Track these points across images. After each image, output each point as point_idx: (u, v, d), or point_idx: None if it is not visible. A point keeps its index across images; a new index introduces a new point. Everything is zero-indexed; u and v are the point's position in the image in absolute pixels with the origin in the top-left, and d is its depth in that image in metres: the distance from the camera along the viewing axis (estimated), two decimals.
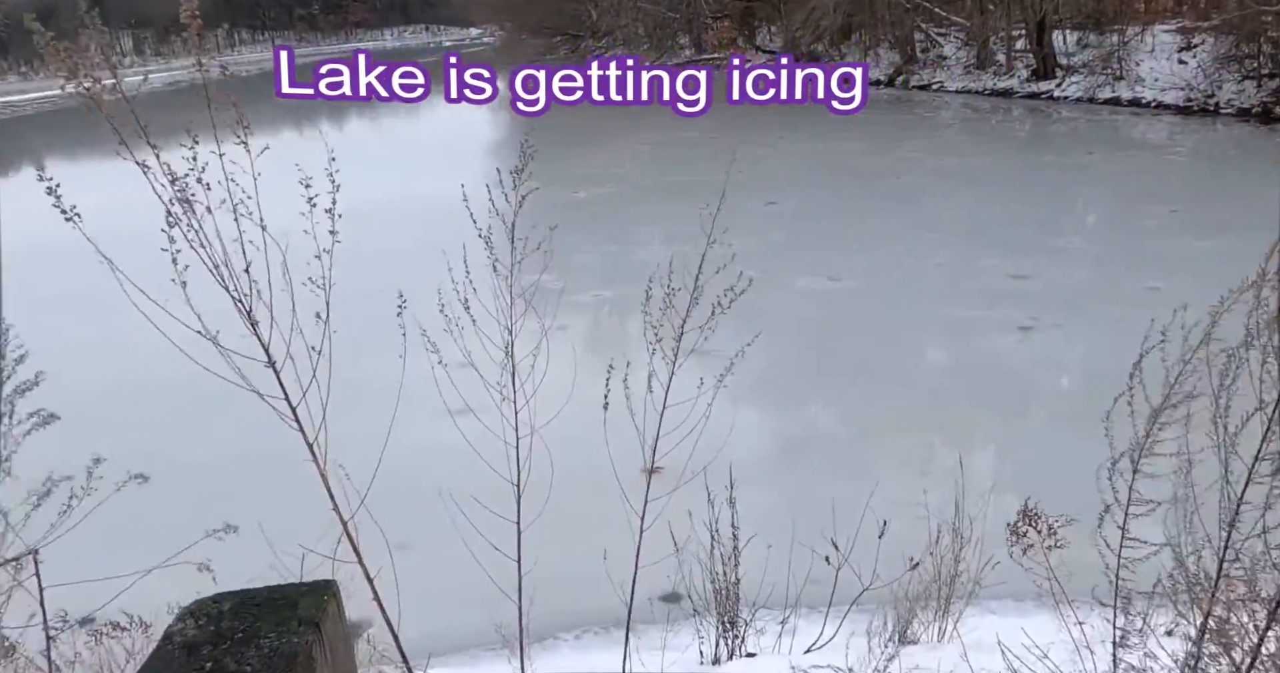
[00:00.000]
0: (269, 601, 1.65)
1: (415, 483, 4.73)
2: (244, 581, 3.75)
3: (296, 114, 41.24)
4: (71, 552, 3.09)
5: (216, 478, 6.85)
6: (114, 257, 2.49)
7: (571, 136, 27.77)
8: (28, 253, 8.14)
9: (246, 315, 2.52)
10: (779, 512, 5.44)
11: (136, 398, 8.09)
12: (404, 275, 4.27)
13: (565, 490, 3.70)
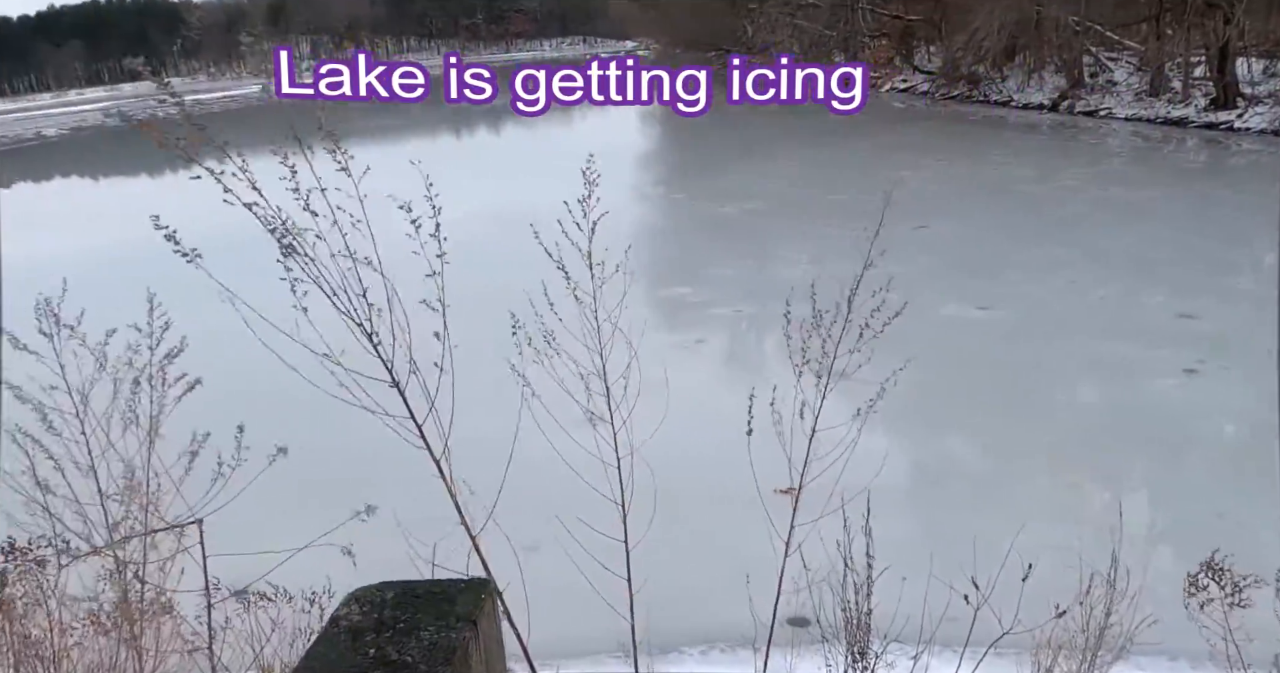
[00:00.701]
0: (429, 594, 1.69)
1: (533, 495, 4.79)
2: (380, 567, 3.89)
3: (454, 120, 42.76)
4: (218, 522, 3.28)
5: (351, 467, 7.15)
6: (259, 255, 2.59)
7: (722, 152, 27.89)
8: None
9: (369, 338, 2.56)
10: (916, 544, 5.27)
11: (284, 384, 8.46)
12: (524, 287, 4.35)
13: (692, 508, 3.68)
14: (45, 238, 24.13)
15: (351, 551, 3.12)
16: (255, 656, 4.21)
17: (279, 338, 2.71)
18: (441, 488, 2.75)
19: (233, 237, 3.20)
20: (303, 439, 3.38)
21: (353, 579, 4.04)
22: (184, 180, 2.79)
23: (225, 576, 3.59)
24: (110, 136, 62.79)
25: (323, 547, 3.60)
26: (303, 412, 8.24)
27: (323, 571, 3.94)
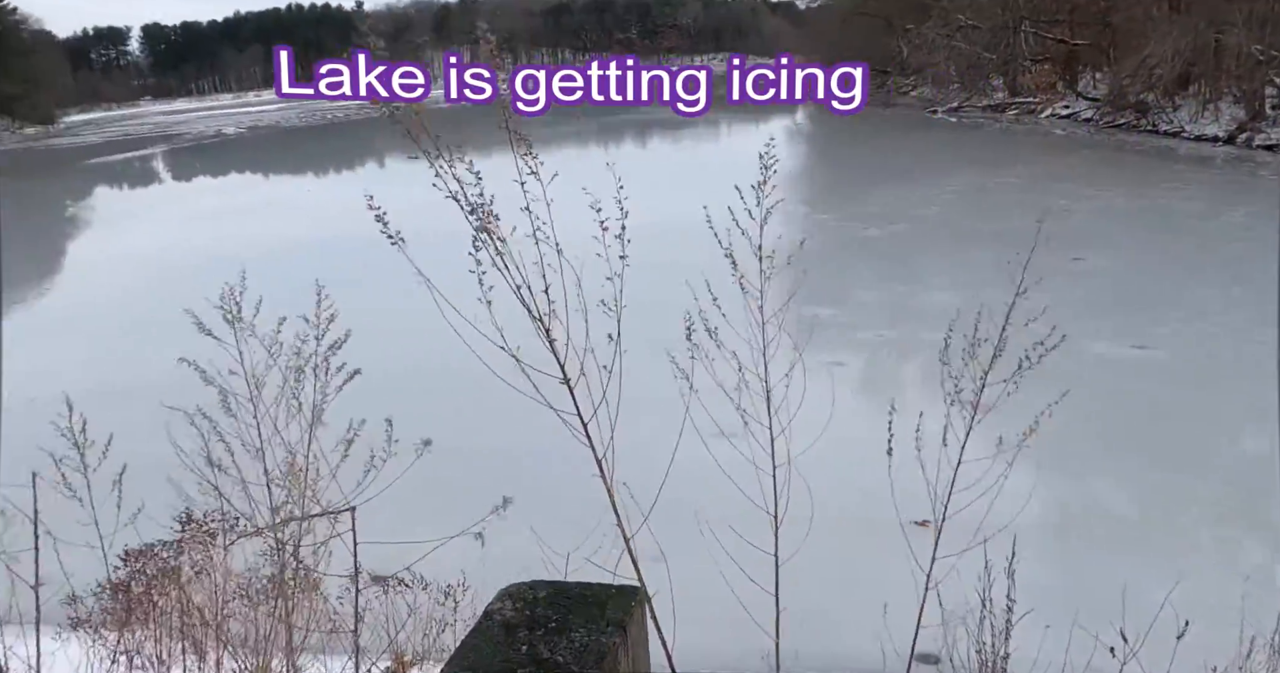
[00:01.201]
0: (580, 596, 1.72)
1: (676, 503, 4.81)
2: (517, 565, 3.99)
3: (604, 133, 43.52)
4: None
5: (500, 462, 7.34)
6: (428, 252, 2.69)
7: (873, 172, 27.47)
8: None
9: (545, 334, 2.63)
10: (1059, 589, 5.06)
11: (433, 380, 8.81)
12: (673, 295, 4.37)
13: (826, 529, 3.61)
14: (217, 228, 25.75)
15: (483, 541, 3.21)
16: (390, 641, 4.39)
17: (445, 331, 2.81)
18: (584, 490, 2.81)
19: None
20: (450, 434, 3.50)
21: (490, 574, 4.17)
22: (342, 178, 2.92)
23: (367, 562, 3.75)
24: (281, 135, 66.61)
25: (460, 541, 3.72)
26: (454, 407, 8.61)
27: (459, 565, 4.07)
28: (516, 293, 2.46)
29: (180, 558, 3.91)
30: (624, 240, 2.58)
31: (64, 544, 3.47)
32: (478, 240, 2.42)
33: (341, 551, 3.62)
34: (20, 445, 6.94)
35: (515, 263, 2.44)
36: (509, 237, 2.44)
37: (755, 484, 3.00)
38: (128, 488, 3.54)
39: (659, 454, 3.21)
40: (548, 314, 2.48)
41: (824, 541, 3.43)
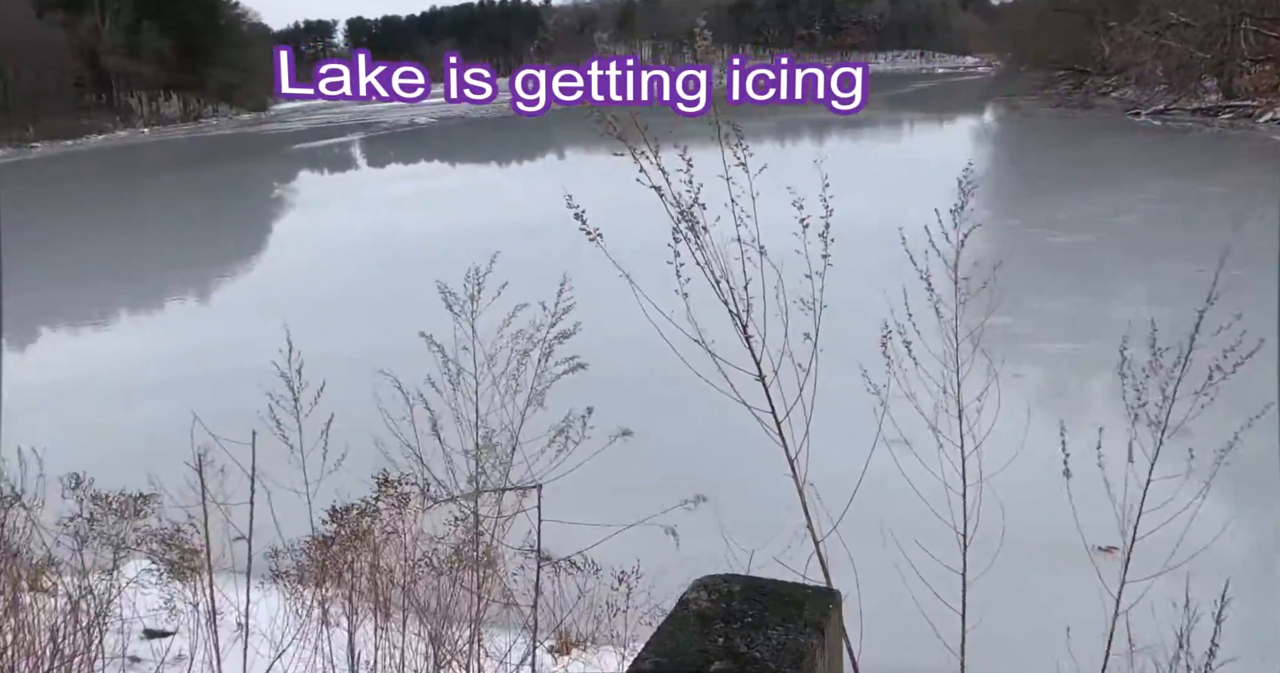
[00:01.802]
0: (774, 593, 1.73)
1: (861, 511, 4.75)
2: (695, 558, 4.04)
3: (782, 130, 43.12)
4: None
5: (685, 455, 7.46)
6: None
7: (1065, 178, 26.15)
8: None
9: (742, 330, 2.64)
10: (1260, 630, 4.70)
11: (624, 369, 8.97)
12: (861, 298, 4.28)
13: (1009, 548, 3.48)
14: (408, 213, 27.08)
15: (675, 531, 3.27)
16: (559, 621, 4.53)
17: (633, 320, 2.87)
18: (768, 488, 2.82)
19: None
20: (638, 422, 3.58)
21: (669, 564, 4.24)
22: (523, 169, 2.99)
23: (548, 541, 3.88)
24: (468, 125, 69.27)
25: (637, 529, 3.80)
26: (645, 395, 8.77)
27: (634, 552, 4.16)
28: (715, 287, 2.49)
29: (374, 521, 4.16)
30: (827, 239, 2.56)
31: (277, 499, 3.74)
32: (677, 232, 2.46)
33: (519, 529, 3.76)
34: (238, 407, 7.52)
35: (716, 256, 2.47)
36: (710, 229, 2.46)
37: (942, 498, 2.93)
38: (338, 450, 3.78)
39: (843, 461, 3.19)
40: (745, 310, 2.49)
41: (1008, 560, 3.32)
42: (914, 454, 2.98)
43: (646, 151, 2.56)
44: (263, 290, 18.97)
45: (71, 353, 15.27)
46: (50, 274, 22.28)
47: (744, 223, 2.54)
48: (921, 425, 2.99)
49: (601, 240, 2.53)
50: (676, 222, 2.44)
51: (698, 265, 2.46)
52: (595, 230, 2.54)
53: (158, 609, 5.37)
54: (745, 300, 2.48)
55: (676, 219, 2.46)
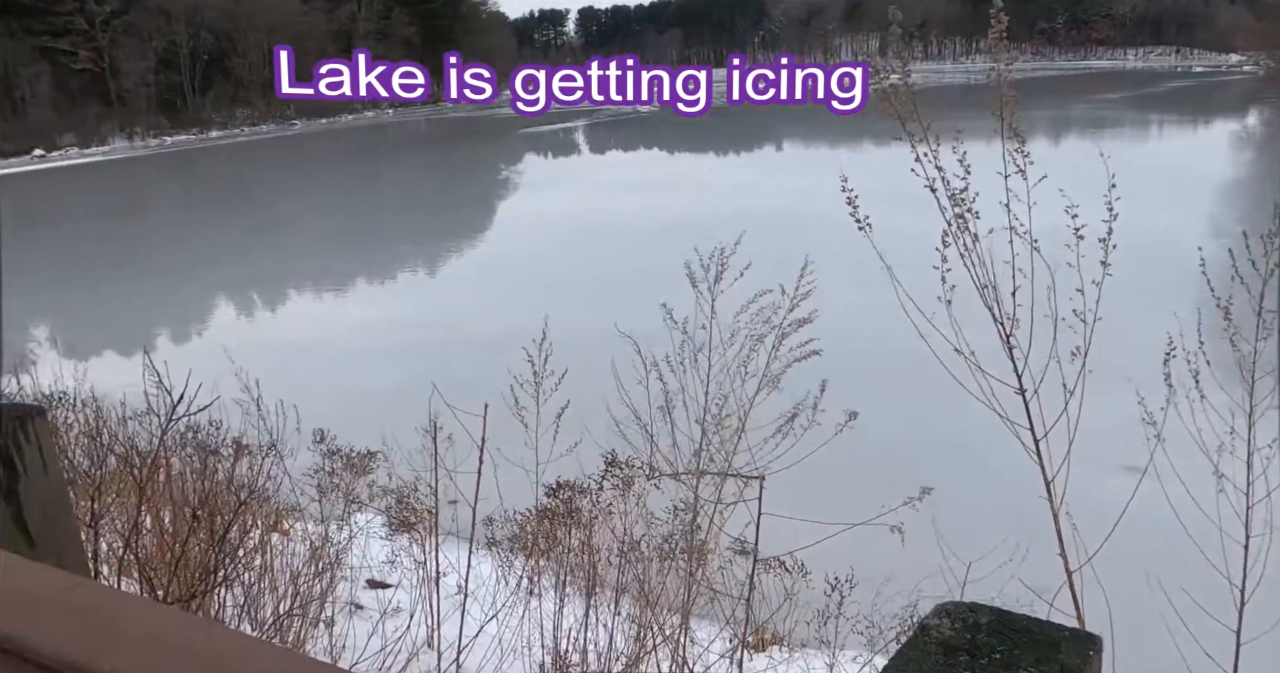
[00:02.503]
0: (1025, 630, 1.58)
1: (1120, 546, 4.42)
2: (911, 565, 3.87)
3: (1029, 127, 40.89)
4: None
5: (917, 457, 7.25)
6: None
7: None
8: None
9: (1005, 340, 2.46)
10: None
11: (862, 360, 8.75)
12: (1130, 316, 3.92)
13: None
14: (626, 198, 27.62)
15: (901, 529, 3.14)
16: (766, 618, 4.44)
17: (899, 322, 2.76)
18: (989, 503, 2.64)
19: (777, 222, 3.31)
20: (872, 420, 3.44)
21: (884, 568, 4.09)
22: (740, 160, 2.89)
23: (770, 537, 3.78)
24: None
25: (854, 530, 3.67)
26: (882, 392, 8.58)
27: (851, 553, 4.02)
28: (981, 292, 2.33)
29: (592, 499, 4.23)
30: (1108, 247, 2.34)
31: (503, 471, 3.87)
32: (947, 235, 2.32)
33: (759, 522, 3.69)
34: (464, 376, 7.87)
35: (983, 260, 2.31)
36: (983, 234, 2.31)
37: (1216, 545, 2.64)
38: (566, 426, 3.86)
39: (1099, 488, 2.95)
40: (1010, 319, 2.33)
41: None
42: (1188, 494, 2.70)
43: (929, 142, 2.42)
44: (490, 265, 19.86)
45: (315, 316, 16.53)
46: (300, 242, 24.26)
47: (1009, 227, 2.36)
48: (1196, 462, 2.71)
49: (869, 231, 2.42)
50: (949, 223, 2.30)
51: (965, 267, 2.31)
52: (865, 219, 2.44)
53: (380, 562, 5.73)
54: (1013, 307, 2.31)
55: (950, 220, 2.31)
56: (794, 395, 3.55)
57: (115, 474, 3.98)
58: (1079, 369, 2.30)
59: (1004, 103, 2.24)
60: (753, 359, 3.38)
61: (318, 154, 55.93)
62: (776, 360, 3.37)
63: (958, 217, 2.26)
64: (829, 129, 42.38)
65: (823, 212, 2.74)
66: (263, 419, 4.70)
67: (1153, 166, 30.84)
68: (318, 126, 74.05)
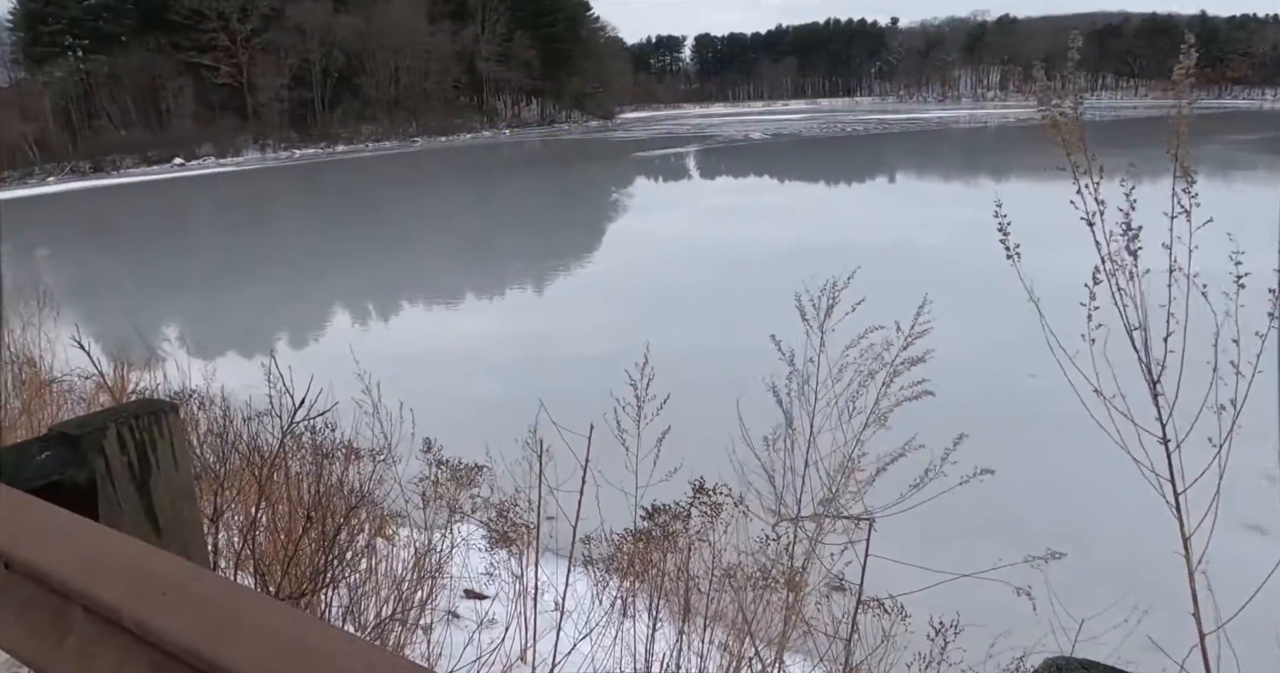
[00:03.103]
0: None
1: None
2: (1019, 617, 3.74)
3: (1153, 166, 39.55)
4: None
5: (1031, 505, 7.05)
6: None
7: None
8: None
9: (1151, 386, 2.35)
10: None
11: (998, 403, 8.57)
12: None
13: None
14: (733, 224, 27.63)
15: (1030, 593, 3.03)
16: (862, 659, 4.35)
17: (1020, 361, 2.70)
18: (1112, 559, 2.54)
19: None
20: (1002, 463, 3.35)
21: (981, 625, 3.96)
22: (850, 190, 2.84)
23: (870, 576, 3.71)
24: (800, 144, 69.62)
25: (963, 584, 3.56)
26: (1004, 440, 8.37)
27: (949, 599, 3.92)
28: (1129, 333, 2.24)
29: (686, 525, 4.23)
30: (1279, 297, 2.20)
31: (603, 491, 3.89)
32: (1099, 271, 2.24)
33: (865, 565, 3.62)
34: (568, 393, 7.98)
35: (1136, 301, 2.22)
36: (1139, 275, 2.21)
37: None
38: (669, 451, 3.87)
39: (1235, 550, 2.81)
40: (1159, 365, 2.23)
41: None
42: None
43: (1091, 176, 2.33)
44: (597, 286, 20.10)
45: (427, 328, 16.98)
46: (416, 255, 25.00)
47: (1170, 269, 2.26)
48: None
49: (1018, 260, 2.36)
50: (1104, 259, 2.22)
51: (1115, 307, 2.23)
52: (1015, 247, 2.38)
53: (478, 574, 5.82)
54: (1163, 353, 2.21)
55: (1106, 257, 2.23)
56: (902, 435, 3.48)
57: (237, 471, 4.15)
58: (1228, 423, 2.19)
59: (1179, 142, 2.15)
60: (861, 396, 3.33)
61: (436, 171, 57.63)
62: (886, 398, 3.31)
63: (1118, 253, 2.18)
64: (943, 159, 41.45)
65: (937, 245, 2.66)
66: (380, 423, 4.84)
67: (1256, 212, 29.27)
68: (438, 144, 76.38)
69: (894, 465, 3.38)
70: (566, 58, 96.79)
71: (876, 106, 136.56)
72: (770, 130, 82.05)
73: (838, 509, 3.40)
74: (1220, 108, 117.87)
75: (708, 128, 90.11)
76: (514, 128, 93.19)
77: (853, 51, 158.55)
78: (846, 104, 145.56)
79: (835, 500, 3.41)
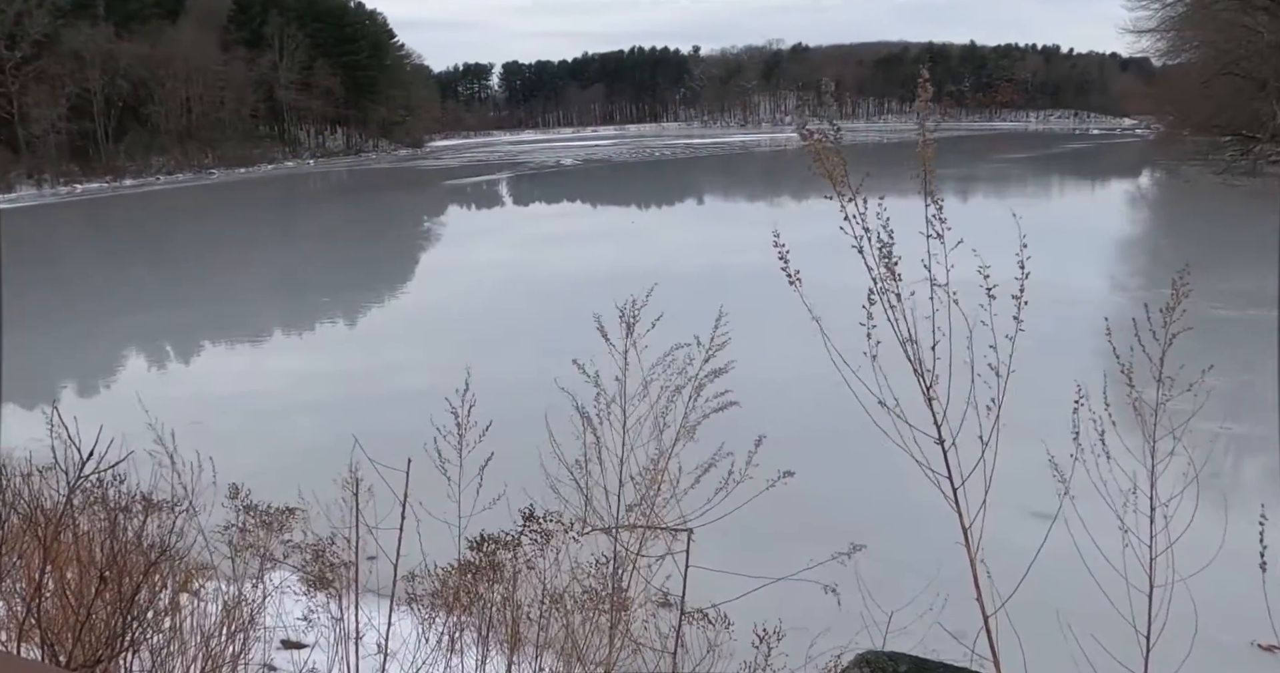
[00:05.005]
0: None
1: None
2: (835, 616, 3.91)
3: (937, 185, 42.40)
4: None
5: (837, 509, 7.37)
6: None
7: (1229, 249, 24.80)
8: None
9: (925, 392, 2.55)
10: None
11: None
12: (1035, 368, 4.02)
13: (1182, 646, 3.23)
14: (551, 251, 27.73)
15: (836, 590, 3.18)
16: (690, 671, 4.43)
17: (800, 372, 2.84)
18: (907, 553, 2.72)
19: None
20: (799, 471, 3.50)
21: (801, 626, 4.12)
22: (662, 213, 2.93)
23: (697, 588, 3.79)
24: (611, 169, 70.76)
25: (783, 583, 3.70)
26: (809, 449, 8.69)
27: (767, 603, 4.06)
28: (903, 347, 2.42)
29: (513, 552, 4.20)
30: (1021, 303, 2.46)
31: (426, 526, 3.82)
32: (873, 293, 2.41)
33: (686, 576, 3.69)
34: (385, 429, 7.77)
35: (906, 316, 2.41)
36: (905, 295, 2.40)
37: (1122, 590, 2.75)
38: (489, 479, 3.84)
39: (1016, 539, 3.06)
40: (930, 372, 2.42)
41: (1186, 660, 3.07)
42: (1096, 545, 2.82)
43: (854, 200, 2.49)
44: (411, 318, 19.70)
45: (229, 367, 16.15)
46: (216, 293, 23.74)
47: (934, 281, 2.46)
48: (1106, 514, 2.83)
49: (800, 285, 2.50)
50: (875, 281, 2.39)
51: (888, 322, 2.40)
52: (795, 273, 2.51)
53: (295, 621, 5.57)
54: (932, 361, 2.41)
55: (876, 277, 2.40)
56: (713, 448, 3.59)
57: (16, 534, 3.82)
58: (994, 421, 2.40)
59: (925, 173, 2.35)
60: (671, 411, 3.42)
61: (236, 204, 55.02)
62: (694, 411, 3.41)
63: (883, 276, 2.35)
64: (748, 181, 43.16)
65: (748, 264, 2.79)
66: (177, 474, 4.57)
67: (1055, 224, 32.20)
68: (236, 176, 72.92)
69: (708, 477, 3.49)
70: (371, 86, 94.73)
71: (683, 131, 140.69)
72: (581, 156, 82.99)
73: (656, 522, 3.48)
74: (992, 130, 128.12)
75: (519, 154, 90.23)
76: (319, 158, 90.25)
77: (657, 78, 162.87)
78: (654, 129, 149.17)
79: (653, 514, 3.49)
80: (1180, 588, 2.70)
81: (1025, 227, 2.75)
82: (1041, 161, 66.57)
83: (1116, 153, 75.12)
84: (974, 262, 2.46)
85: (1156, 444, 2.69)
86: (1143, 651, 2.58)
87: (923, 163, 2.30)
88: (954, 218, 2.56)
